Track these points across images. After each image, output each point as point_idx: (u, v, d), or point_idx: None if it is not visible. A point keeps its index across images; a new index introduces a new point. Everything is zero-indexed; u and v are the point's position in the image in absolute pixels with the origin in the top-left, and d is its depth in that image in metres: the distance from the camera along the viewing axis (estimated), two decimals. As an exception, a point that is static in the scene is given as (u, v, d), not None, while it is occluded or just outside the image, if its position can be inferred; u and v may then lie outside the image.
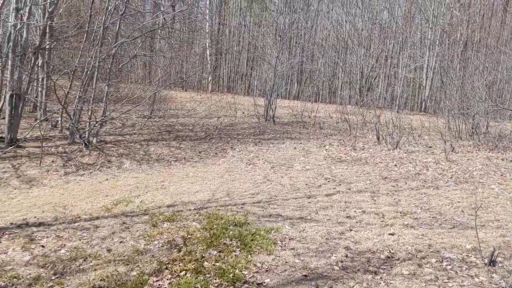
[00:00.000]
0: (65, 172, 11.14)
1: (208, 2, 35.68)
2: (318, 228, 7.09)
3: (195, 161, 12.59)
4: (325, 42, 35.45)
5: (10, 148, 13.05)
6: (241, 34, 36.50)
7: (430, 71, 31.84)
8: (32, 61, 14.04)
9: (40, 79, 15.88)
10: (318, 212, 7.92)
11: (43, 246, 6.31)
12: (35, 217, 7.72)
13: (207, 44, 35.12)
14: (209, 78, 35.13)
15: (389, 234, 6.83)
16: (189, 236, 6.64)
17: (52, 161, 12.07)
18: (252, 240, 6.44)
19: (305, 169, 11.54)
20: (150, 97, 15.50)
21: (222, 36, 36.07)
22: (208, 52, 35.13)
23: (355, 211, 7.99)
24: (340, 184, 9.98)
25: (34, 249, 6.22)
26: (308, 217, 7.63)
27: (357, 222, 7.39)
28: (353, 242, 6.49)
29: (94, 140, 14.18)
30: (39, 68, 16.77)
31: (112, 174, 11.11)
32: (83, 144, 13.58)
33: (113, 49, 13.98)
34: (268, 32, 32.70)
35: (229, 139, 15.64)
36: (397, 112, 23.92)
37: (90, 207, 8.29)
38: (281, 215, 7.71)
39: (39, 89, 17.34)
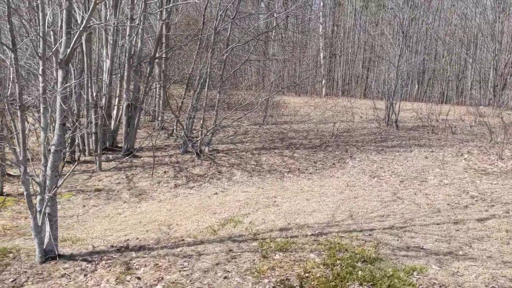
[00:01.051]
0: (175, 184, 10.48)
1: (321, 4, 34.21)
2: (477, 270, 5.25)
3: (310, 173, 11.21)
4: (450, 38, 31.84)
5: (126, 158, 12.91)
6: (356, 35, 34.39)
7: None
8: (147, 71, 13.84)
9: (156, 89, 15.76)
10: (472, 245, 6.03)
11: (139, 278, 5.38)
12: (137, 238, 6.94)
13: (320, 47, 33.64)
14: (323, 82, 33.59)
15: None
16: (306, 275, 5.25)
17: (164, 172, 11.55)
18: (389, 286, 4.85)
19: (443, 184, 9.50)
20: (263, 103, 14.53)
21: (336, 37, 34.33)
22: (321, 55, 33.62)
23: (525, 247, 5.96)
24: (494, 205, 7.85)
25: (129, 281, 5.31)
26: (460, 253, 5.79)
27: (532, 264, 5.39)
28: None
29: (206, 149, 13.53)
30: (156, 77, 16.75)
31: (222, 187, 10.17)
32: (195, 153, 12.98)
33: (224, 55, 13.21)
34: (388, 29, 30.22)
35: (347, 146, 14.00)
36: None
37: (195, 227, 7.32)
38: (422, 248, 5.97)
39: (156, 98, 17.36)
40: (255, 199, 8.94)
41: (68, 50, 5.73)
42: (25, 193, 5.86)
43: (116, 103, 14.31)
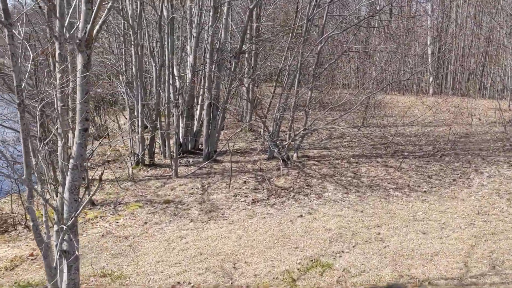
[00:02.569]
0: (253, 200, 8.48)
1: (430, -6, 30.21)
2: None
3: (424, 192, 8.53)
4: None
5: (206, 163, 11.25)
6: (470, 28, 29.83)
7: None
8: (233, 67, 12.07)
9: (243, 86, 13.96)
10: None
11: None
12: (189, 283, 5.03)
13: (428, 41, 29.70)
14: (431, 79, 29.63)
15: None
16: None
17: (244, 182, 9.64)
18: None
19: None
20: (362, 103, 12.03)
21: (446, 31, 30.09)
22: (429, 51, 29.67)
23: None
24: None
25: None
26: None
27: None
28: None
29: (295, 156, 11.39)
30: (244, 74, 14.97)
31: (309, 207, 7.95)
32: (281, 160, 10.91)
33: (318, 45, 10.94)
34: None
35: (469, 156, 10.96)
36: None
37: (268, 271, 5.24)
38: None
39: (243, 97, 15.58)
40: (351, 228, 6.62)
41: (88, 27, 3.93)
42: (31, 223, 4.20)
43: (200, 102, 12.74)
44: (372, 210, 7.50)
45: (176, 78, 11.94)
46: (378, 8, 14.36)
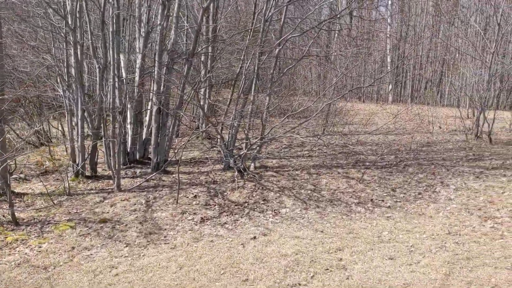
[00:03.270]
0: (202, 218, 7.44)
1: (389, 3, 30.22)
2: None
3: (389, 207, 7.77)
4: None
5: (154, 174, 10.13)
6: (428, 36, 30.00)
7: None
8: (185, 70, 11.03)
9: (196, 91, 12.92)
10: None
11: None
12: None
13: (387, 49, 29.64)
14: (390, 87, 29.56)
15: None
16: None
17: (195, 196, 8.60)
18: None
19: None
20: (323, 109, 11.26)
21: (405, 39, 30.12)
22: (389, 58, 29.61)
23: None
24: None
25: None
26: None
27: None
28: None
29: (252, 166, 10.45)
30: (201, 78, 13.93)
31: (264, 226, 7.00)
32: (237, 171, 9.95)
33: (276, 48, 10.09)
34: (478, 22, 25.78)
35: (432, 166, 10.36)
36: None
37: (209, 314, 4.24)
38: None
39: (196, 103, 14.52)
40: (310, 252, 5.71)
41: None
42: None
43: (149, 108, 11.59)
44: (333, 230, 6.64)
45: (124, 81, 10.79)
46: (338, 11, 13.69)
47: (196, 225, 7.13)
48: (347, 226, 6.78)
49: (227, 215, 7.51)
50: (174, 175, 10.27)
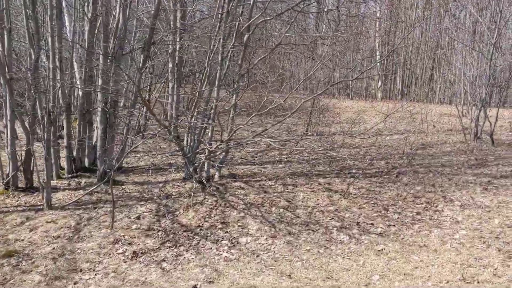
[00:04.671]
0: (135, 252, 5.51)
1: (378, -5, 28.32)
2: None
3: (380, 234, 5.89)
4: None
5: (97, 185, 8.18)
6: (418, 29, 28.19)
7: None
8: (141, 62, 9.08)
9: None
10: None
11: None
12: None
13: (376, 45, 27.84)
14: (379, 84, 27.79)
15: None
16: None
17: (138, 217, 6.68)
18: None
19: None
20: (300, 107, 9.32)
21: (395, 34, 28.30)
22: (378, 54, 27.80)
23: None
24: None
25: None
26: None
27: None
28: None
29: (216, 176, 8.55)
30: (169, 72, 11.98)
31: (213, 267, 5.07)
32: (198, 182, 8.04)
33: (246, 34, 8.19)
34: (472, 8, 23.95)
35: (431, 174, 8.52)
36: None
37: None
38: None
39: (169, 99, 12.56)
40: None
41: None
42: None
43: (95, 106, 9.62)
44: (305, 273, 4.76)
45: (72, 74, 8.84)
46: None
47: (125, 262, 5.21)
48: (324, 267, 4.91)
49: (170, 247, 5.60)
50: (125, 186, 8.36)
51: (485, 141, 11.92)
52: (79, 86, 9.01)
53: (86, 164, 9.37)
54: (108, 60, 8.24)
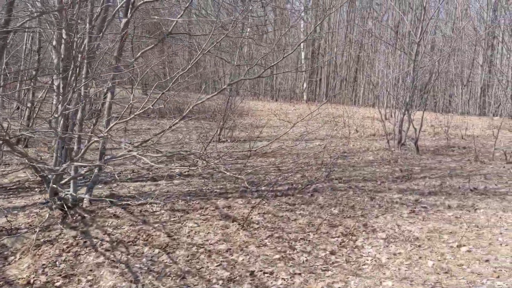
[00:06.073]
0: None
1: (304, -4, 27.37)
2: None
3: (288, 285, 4.22)
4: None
5: None
6: (343, 32, 27.58)
7: None
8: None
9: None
10: None
11: None
12: None
13: (301, 45, 26.79)
14: (304, 85, 26.79)
15: None
16: None
17: None
18: None
19: None
20: (191, 110, 7.35)
21: (319, 35, 27.44)
22: (303, 55, 26.80)
23: None
24: None
25: None
26: None
27: None
28: None
29: (86, 200, 6.46)
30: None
31: None
32: (59, 208, 5.95)
33: (123, 20, 6.20)
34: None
35: (351, 192, 7.05)
36: None
37: None
38: None
39: (26, 103, 10.15)
40: None
41: None
42: None
43: None
44: None
45: None
46: None
47: None
48: None
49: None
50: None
51: (410, 148, 10.86)
52: None
53: None
54: None
